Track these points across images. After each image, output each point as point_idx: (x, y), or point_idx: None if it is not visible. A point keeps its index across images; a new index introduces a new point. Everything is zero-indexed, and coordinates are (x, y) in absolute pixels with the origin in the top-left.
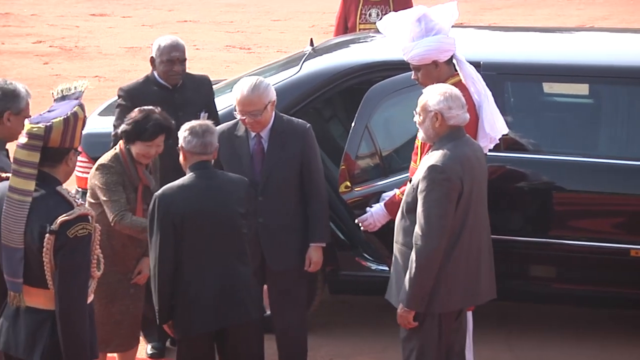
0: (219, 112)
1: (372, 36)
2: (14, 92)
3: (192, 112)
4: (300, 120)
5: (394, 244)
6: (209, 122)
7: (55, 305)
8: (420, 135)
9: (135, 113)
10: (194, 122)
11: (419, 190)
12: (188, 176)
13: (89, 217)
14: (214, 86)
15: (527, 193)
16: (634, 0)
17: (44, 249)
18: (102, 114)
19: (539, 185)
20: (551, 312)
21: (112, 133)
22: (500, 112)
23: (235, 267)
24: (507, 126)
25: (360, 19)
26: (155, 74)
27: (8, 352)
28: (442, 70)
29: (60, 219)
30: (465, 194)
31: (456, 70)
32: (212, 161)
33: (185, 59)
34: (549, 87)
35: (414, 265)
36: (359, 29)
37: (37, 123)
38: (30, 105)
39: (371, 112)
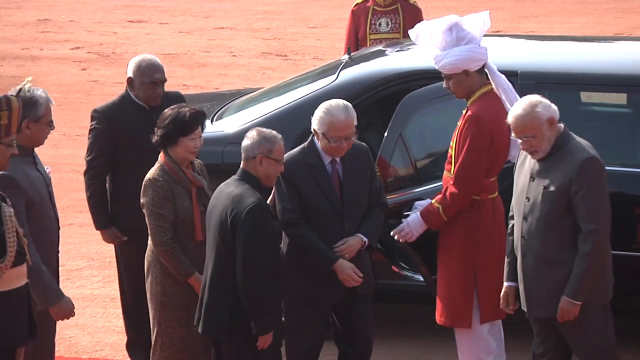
0: (260, 119)
1: (409, 45)
2: (31, 100)
3: None
4: (356, 140)
5: (525, 258)
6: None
7: None
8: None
9: (165, 114)
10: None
11: (575, 189)
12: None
13: None
14: (250, 94)
15: None
16: None
17: None
18: None
19: None
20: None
21: (87, 158)
22: None
23: (209, 281)
24: None
25: (370, 29)
26: (132, 94)
27: None
28: (473, 79)
29: None
30: None
31: (488, 80)
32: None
33: (166, 80)
34: (586, 97)
35: (589, 258)
36: (370, 40)
37: None
38: (52, 109)
39: (405, 120)
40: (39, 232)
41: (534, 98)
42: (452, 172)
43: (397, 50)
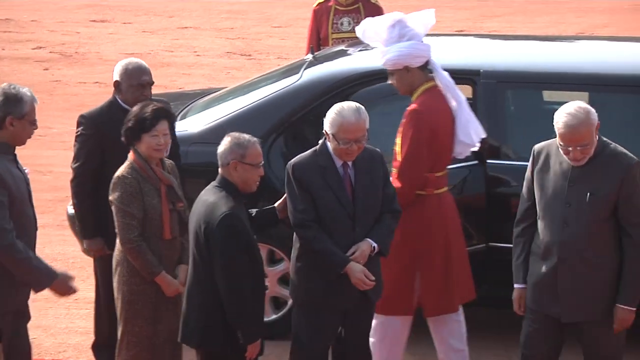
0: (224, 118)
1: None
2: (16, 96)
3: None
4: (370, 146)
5: (564, 263)
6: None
7: None
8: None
9: (131, 111)
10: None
11: (627, 193)
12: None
13: None
14: (214, 94)
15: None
16: (633, 8)
17: None
18: None
19: None
20: None
21: (73, 165)
22: (500, 120)
23: (187, 290)
24: (507, 134)
25: (332, 28)
26: (119, 98)
27: None
28: (414, 75)
29: None
30: None
31: (432, 77)
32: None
33: (153, 82)
34: (548, 95)
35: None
36: (332, 39)
37: None
38: (36, 109)
39: None
40: (17, 230)
41: (583, 105)
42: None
43: (360, 50)
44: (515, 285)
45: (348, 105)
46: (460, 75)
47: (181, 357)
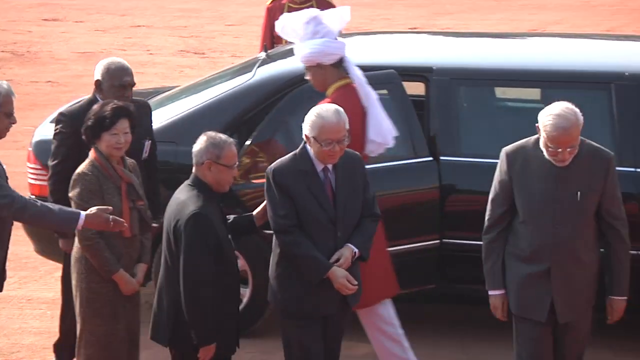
0: (178, 117)
1: None
2: None
3: (139, 137)
4: (350, 150)
5: (557, 265)
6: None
7: None
8: None
9: (91, 109)
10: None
11: (611, 186)
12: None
13: None
14: (168, 92)
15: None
16: (585, 5)
17: None
18: (54, 121)
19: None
20: None
21: (51, 163)
22: (452, 117)
23: (157, 288)
24: (460, 131)
25: None
26: (99, 97)
27: None
28: (327, 73)
29: None
30: None
31: (347, 74)
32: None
33: (134, 83)
34: (501, 92)
35: (628, 255)
36: None
37: None
38: (14, 102)
39: (290, 110)
40: None
41: (569, 105)
42: None
43: None
44: (494, 292)
45: (327, 107)
46: (413, 73)
47: (138, 356)
